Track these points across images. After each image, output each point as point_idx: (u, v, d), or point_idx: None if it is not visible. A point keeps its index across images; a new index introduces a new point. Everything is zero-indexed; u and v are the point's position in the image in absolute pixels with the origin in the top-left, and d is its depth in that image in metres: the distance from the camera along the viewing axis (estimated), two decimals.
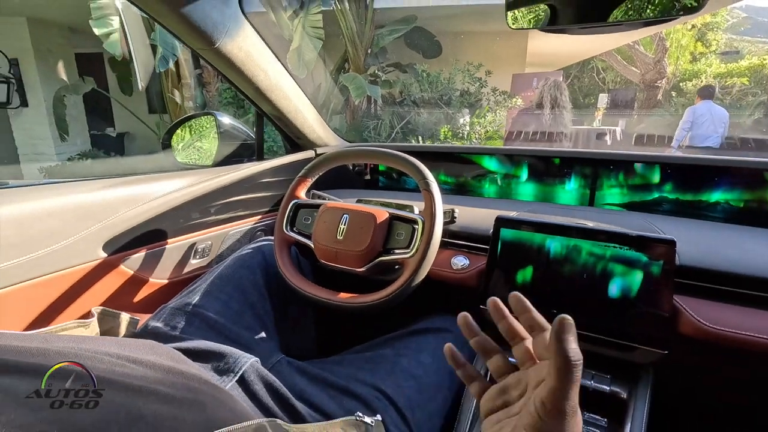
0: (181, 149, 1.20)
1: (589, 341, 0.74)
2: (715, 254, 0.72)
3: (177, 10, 0.69)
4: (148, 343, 0.56)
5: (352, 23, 4.83)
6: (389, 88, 5.29)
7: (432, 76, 5.11)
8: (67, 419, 0.34)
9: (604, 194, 1.04)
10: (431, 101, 5.10)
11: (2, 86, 5.68)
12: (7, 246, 0.67)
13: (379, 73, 5.05)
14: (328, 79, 5.02)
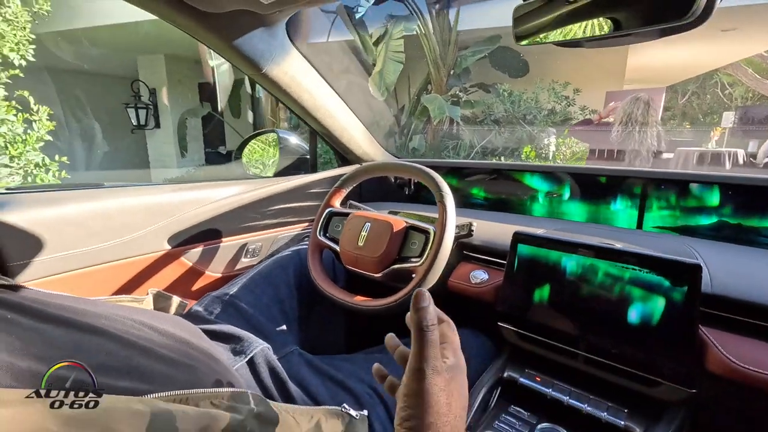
0: (248, 161, 1.37)
1: (608, 370, 0.69)
2: (756, 285, 0.63)
3: (229, 43, 0.82)
4: (174, 318, 0.67)
5: (436, 46, 4.95)
6: (470, 108, 5.28)
7: (514, 95, 4.98)
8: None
9: (653, 216, 0.95)
10: (513, 121, 4.97)
11: (142, 111, 6.81)
12: (94, 233, 0.84)
13: (459, 94, 5.08)
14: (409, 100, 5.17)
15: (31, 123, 3.16)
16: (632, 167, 0.95)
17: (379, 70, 4.40)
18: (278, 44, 0.89)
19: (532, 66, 5.67)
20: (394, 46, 4.49)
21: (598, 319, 0.69)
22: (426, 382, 0.38)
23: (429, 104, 4.63)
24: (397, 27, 4.56)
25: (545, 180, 1.12)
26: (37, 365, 0.38)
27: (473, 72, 5.52)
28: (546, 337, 0.76)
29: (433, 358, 0.39)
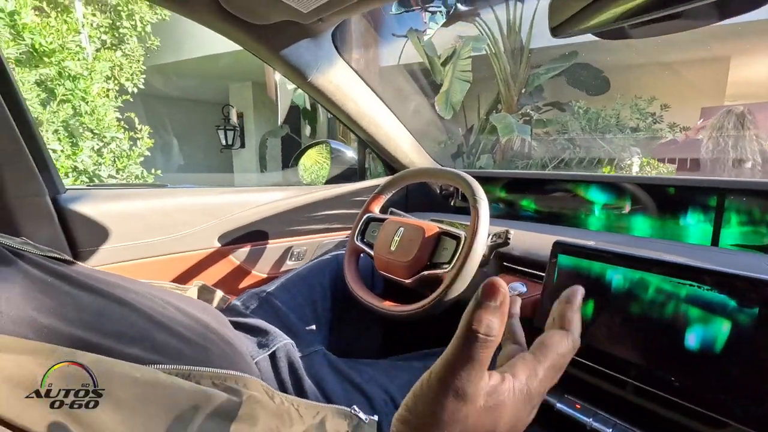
0: (303, 170, 1.43)
1: (661, 403, 0.60)
2: None
3: (277, 53, 0.87)
4: (202, 305, 0.70)
5: (506, 65, 4.86)
6: (543, 127, 5.07)
7: (591, 113, 4.69)
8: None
9: (732, 232, 0.82)
10: (589, 139, 4.66)
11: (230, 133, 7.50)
12: (153, 228, 0.93)
13: (530, 112, 4.90)
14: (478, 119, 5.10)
15: (136, 141, 3.63)
16: (708, 177, 0.82)
17: (445, 90, 4.42)
18: (324, 54, 0.93)
19: (614, 82, 5.32)
20: (462, 66, 4.49)
21: (650, 342, 0.60)
22: (438, 405, 0.27)
23: (497, 123, 4.53)
24: (466, 47, 4.56)
25: (605, 191, 1.02)
26: (58, 323, 0.42)
27: (547, 90, 5.31)
28: (590, 360, 0.68)
29: (466, 380, 0.26)
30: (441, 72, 4.71)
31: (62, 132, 3.02)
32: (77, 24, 3.42)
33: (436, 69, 4.79)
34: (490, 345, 0.26)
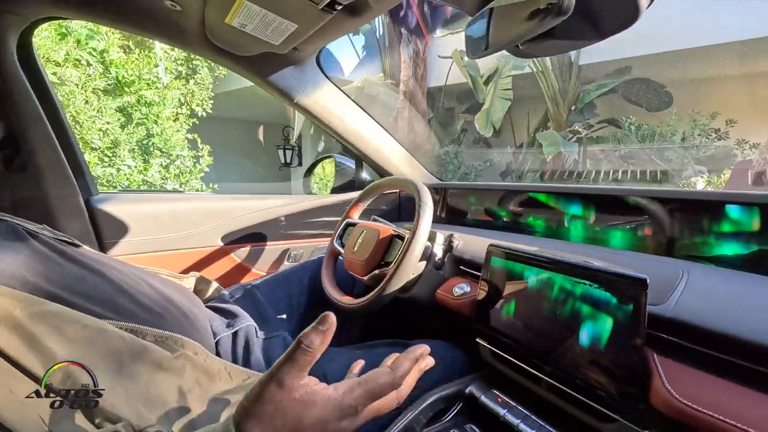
0: (311, 182, 1.57)
1: (566, 399, 0.63)
2: (726, 313, 0.51)
3: (265, 79, 1.02)
4: (180, 287, 0.84)
5: (554, 82, 4.77)
6: (594, 144, 4.86)
7: (644, 129, 4.42)
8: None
9: (686, 244, 0.81)
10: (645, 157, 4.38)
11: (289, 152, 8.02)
12: (164, 226, 1.10)
13: (579, 130, 4.73)
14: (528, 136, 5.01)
15: (198, 158, 4.06)
16: (653, 188, 0.80)
17: (486, 108, 4.43)
18: (308, 78, 1.07)
19: (677, 98, 4.99)
20: (503, 84, 4.48)
21: (555, 340, 0.64)
22: (269, 385, 0.39)
23: (543, 140, 4.44)
24: (507, 65, 4.56)
25: (575, 202, 1.03)
26: (41, 282, 0.57)
27: (601, 106, 5.11)
28: (515, 357, 0.72)
29: (286, 373, 0.39)
30: (483, 91, 4.74)
31: (136, 150, 3.49)
32: (156, 58, 3.95)
33: (479, 88, 4.83)
34: (308, 354, 0.39)
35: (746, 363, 0.47)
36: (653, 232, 0.86)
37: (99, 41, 3.19)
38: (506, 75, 4.52)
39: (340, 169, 1.50)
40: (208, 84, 5.12)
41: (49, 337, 0.50)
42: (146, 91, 3.52)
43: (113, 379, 0.53)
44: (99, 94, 3.24)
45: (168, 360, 0.59)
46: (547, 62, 4.71)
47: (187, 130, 4.20)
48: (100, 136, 3.13)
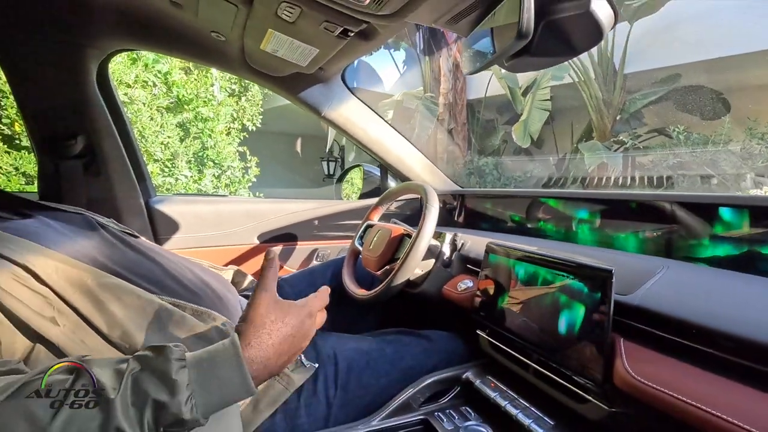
0: (342, 189, 1.70)
1: (548, 382, 0.68)
2: (689, 302, 0.55)
3: (295, 95, 1.16)
4: (218, 276, 0.97)
5: (598, 91, 4.66)
6: (642, 154, 4.67)
7: (693, 138, 4.19)
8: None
9: (681, 246, 0.83)
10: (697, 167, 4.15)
11: (332, 164, 8.33)
12: (208, 225, 1.26)
13: (624, 140, 4.57)
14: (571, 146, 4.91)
15: (247, 169, 4.35)
16: (663, 192, 0.80)
17: (524, 119, 4.40)
18: (333, 93, 1.19)
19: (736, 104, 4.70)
20: (541, 95, 4.44)
21: (540, 328, 0.69)
22: (257, 297, 0.56)
23: (585, 151, 4.34)
24: (545, 76, 4.52)
25: (584, 207, 1.07)
26: (106, 261, 0.71)
27: (649, 116, 4.92)
28: (508, 346, 0.78)
29: (266, 283, 0.57)
30: (521, 102, 4.72)
31: (192, 162, 3.81)
32: (212, 78, 4.31)
33: (517, 99, 4.81)
34: (273, 263, 0.58)
35: (702, 346, 0.51)
36: (654, 235, 0.89)
37: (163, 64, 3.56)
38: (544, 86, 4.49)
39: (368, 177, 1.61)
40: (258, 100, 5.47)
41: (112, 303, 0.63)
42: (203, 107, 3.86)
43: (158, 340, 0.66)
44: (162, 111, 3.60)
45: (201, 329, 0.71)
46: (590, 72, 4.62)
47: (238, 143, 4.52)
48: (161, 148, 3.47)
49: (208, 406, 0.46)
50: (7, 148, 2.67)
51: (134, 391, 0.42)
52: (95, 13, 0.94)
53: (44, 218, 0.73)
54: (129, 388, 0.42)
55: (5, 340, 0.54)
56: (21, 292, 0.56)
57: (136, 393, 0.42)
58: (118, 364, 0.45)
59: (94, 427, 0.39)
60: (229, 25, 0.87)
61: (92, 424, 0.39)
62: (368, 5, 0.65)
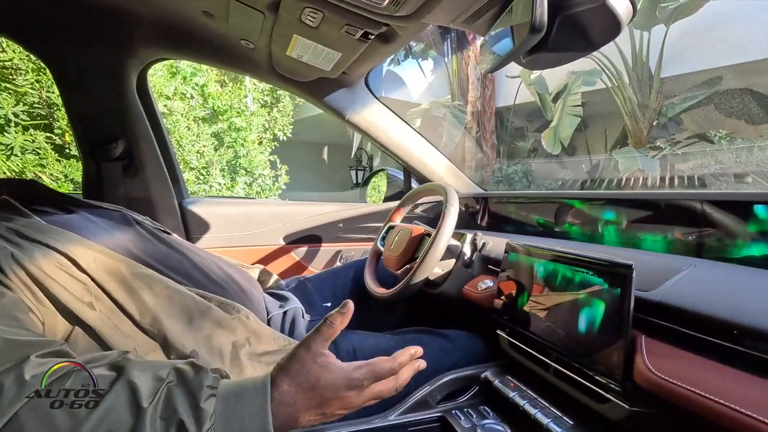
0: (366, 193, 1.72)
1: (568, 382, 0.67)
2: (715, 299, 0.53)
3: (320, 100, 1.20)
4: (243, 272, 1.01)
5: (632, 96, 4.51)
6: (681, 161, 4.47)
7: (737, 143, 3.96)
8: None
9: (713, 247, 0.79)
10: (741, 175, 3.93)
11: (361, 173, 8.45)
12: (237, 225, 1.31)
13: (661, 146, 4.39)
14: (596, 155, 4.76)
15: (277, 177, 4.47)
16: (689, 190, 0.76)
17: (554, 126, 4.31)
18: (357, 98, 1.22)
19: None
20: (572, 101, 4.35)
21: (560, 326, 0.68)
22: (300, 348, 0.52)
23: (619, 158, 4.20)
24: (576, 82, 4.43)
25: (606, 208, 1.05)
26: (139, 253, 0.75)
27: (688, 121, 4.71)
28: (527, 345, 0.77)
29: (313, 340, 0.52)
30: (551, 108, 4.63)
31: (225, 170, 3.96)
32: (245, 90, 4.48)
33: (547, 106, 4.72)
34: (331, 328, 0.53)
35: (724, 342, 0.49)
36: (685, 235, 0.86)
37: (200, 77, 3.73)
38: (575, 91, 4.39)
39: (392, 181, 1.63)
40: (289, 111, 5.62)
41: (143, 291, 0.67)
42: (236, 118, 4.01)
43: (184, 327, 0.70)
44: (198, 121, 3.77)
45: (226, 320, 0.75)
46: (623, 77, 4.49)
47: (269, 152, 4.66)
48: (197, 157, 3.63)
49: None
50: (58, 156, 2.86)
51: (165, 406, 0.43)
52: (137, 26, 1.02)
53: (86, 214, 0.78)
54: (162, 401, 0.43)
55: (48, 322, 0.58)
56: (63, 278, 0.60)
57: (167, 407, 0.43)
58: (158, 371, 0.47)
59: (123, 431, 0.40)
60: (257, 32, 0.92)
61: (122, 428, 0.40)
62: (386, 7, 0.68)
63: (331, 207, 1.43)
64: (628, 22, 0.58)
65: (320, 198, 9.10)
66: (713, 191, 0.85)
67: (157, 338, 0.66)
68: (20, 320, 0.52)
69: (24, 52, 2.69)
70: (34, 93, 2.80)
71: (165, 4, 0.93)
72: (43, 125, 2.86)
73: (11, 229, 0.61)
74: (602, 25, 0.60)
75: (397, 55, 6.51)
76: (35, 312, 0.56)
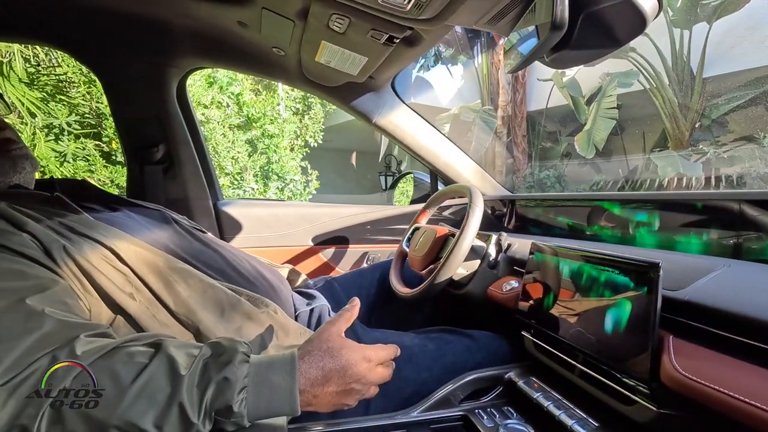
0: (394, 194, 1.74)
1: (593, 383, 0.66)
2: (745, 298, 0.51)
3: (348, 104, 1.23)
4: (273, 270, 1.05)
5: (672, 97, 4.32)
6: (728, 165, 4.23)
7: None
8: None
9: (752, 248, 0.76)
10: None
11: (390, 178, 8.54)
12: (267, 226, 1.36)
13: (704, 149, 4.17)
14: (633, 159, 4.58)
15: (308, 182, 4.57)
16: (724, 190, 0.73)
17: (588, 129, 4.19)
18: (383, 101, 1.25)
19: None
20: (606, 103, 4.21)
21: (586, 326, 0.67)
22: (323, 327, 0.63)
23: (658, 162, 4.03)
24: (611, 84, 4.29)
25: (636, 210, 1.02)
26: (175, 248, 0.80)
27: (734, 122, 4.47)
28: (552, 346, 0.76)
29: (336, 319, 0.64)
30: (585, 111, 4.50)
31: (258, 175, 4.09)
32: (278, 98, 4.62)
33: (581, 109, 4.60)
34: (349, 314, 0.65)
35: (756, 342, 0.47)
36: (721, 236, 0.83)
37: (236, 86, 3.89)
38: (610, 94, 4.26)
39: (419, 184, 1.64)
40: (320, 118, 5.75)
41: (179, 284, 0.72)
42: (269, 125, 4.14)
43: (216, 319, 0.73)
44: (233, 129, 3.92)
45: (255, 314, 0.78)
46: (663, 77, 4.31)
47: (301, 158, 4.78)
48: (232, 163, 3.77)
49: (255, 406, 0.49)
50: (105, 163, 3.05)
51: (201, 374, 0.47)
52: (177, 38, 1.09)
53: (129, 212, 0.84)
54: (198, 371, 0.47)
55: (94, 310, 0.63)
56: (108, 270, 0.65)
57: (202, 376, 0.47)
58: (193, 349, 0.52)
59: (162, 398, 0.45)
60: (288, 39, 0.96)
61: (160, 395, 0.45)
62: (409, 10, 0.70)
63: (358, 209, 1.46)
64: (653, 17, 0.57)
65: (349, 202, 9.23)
66: (753, 190, 0.81)
67: (191, 328, 0.70)
68: (70, 306, 0.56)
69: (77, 66, 2.90)
70: (85, 104, 3.01)
71: (203, 15, 0.99)
72: (93, 134, 3.07)
73: (63, 224, 0.66)
74: (627, 21, 0.59)
75: (427, 61, 6.53)
76: (83, 300, 0.61)
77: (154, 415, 0.43)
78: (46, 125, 2.81)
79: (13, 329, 0.45)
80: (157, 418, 0.43)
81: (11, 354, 0.42)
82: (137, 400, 0.43)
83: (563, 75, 4.76)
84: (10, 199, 0.66)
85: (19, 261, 0.57)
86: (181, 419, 0.44)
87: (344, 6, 0.75)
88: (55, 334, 0.46)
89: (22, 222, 0.61)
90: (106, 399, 0.42)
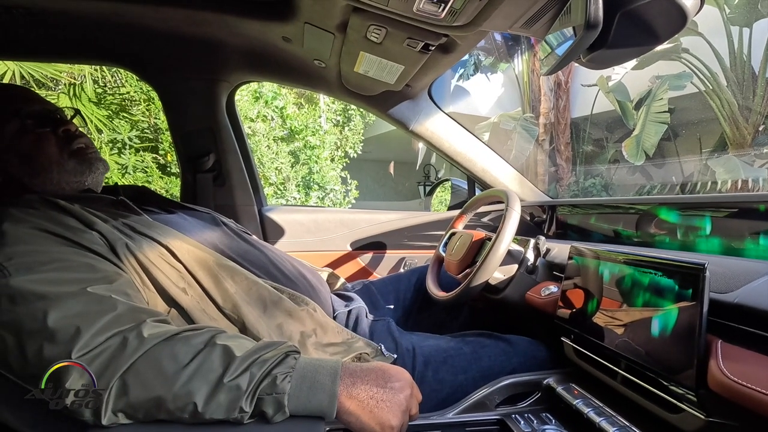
0: (432, 201, 1.75)
1: (637, 390, 0.63)
2: None
3: (386, 112, 1.26)
4: (314, 271, 1.09)
5: (732, 99, 4.04)
6: None
7: None
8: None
9: None
10: None
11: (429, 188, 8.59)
12: (308, 231, 1.41)
13: None
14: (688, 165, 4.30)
15: (347, 192, 4.66)
16: None
17: (637, 134, 3.99)
18: (420, 109, 1.27)
19: None
20: (657, 107, 4.00)
21: (627, 332, 0.65)
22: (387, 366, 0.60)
23: (717, 167, 3.78)
24: (662, 86, 4.07)
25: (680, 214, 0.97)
26: (224, 248, 0.85)
27: None
28: (593, 352, 0.74)
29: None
30: (633, 117, 4.30)
31: (300, 185, 4.22)
32: (320, 111, 4.78)
33: (629, 114, 4.39)
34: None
35: None
36: None
37: (280, 101, 4.06)
38: (661, 97, 4.05)
39: (456, 190, 1.64)
40: (359, 130, 5.87)
41: (226, 280, 0.76)
42: (311, 137, 4.29)
43: (260, 315, 0.77)
44: (277, 141, 4.09)
45: (296, 311, 0.81)
46: (720, 78, 4.05)
47: (341, 169, 4.89)
48: (275, 173, 3.93)
49: (296, 399, 0.50)
50: (161, 174, 3.28)
51: (252, 359, 0.50)
52: (228, 54, 1.17)
53: (183, 214, 0.91)
54: (250, 356, 0.51)
55: (150, 303, 0.69)
56: (163, 266, 0.71)
57: (253, 361, 0.50)
58: (245, 340, 0.56)
59: (214, 377, 0.48)
60: (328, 51, 1.01)
61: (212, 374, 0.48)
62: (444, 18, 0.72)
63: (396, 215, 1.48)
64: (695, 13, 0.56)
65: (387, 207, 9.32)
66: None
67: (237, 323, 0.75)
68: (131, 297, 0.62)
69: (138, 85, 3.15)
70: (145, 120, 3.26)
71: (251, 33, 1.06)
72: (150, 147, 3.31)
73: (126, 223, 0.73)
74: (666, 18, 0.58)
75: (466, 70, 6.51)
76: (142, 293, 0.67)
77: (206, 392, 0.47)
78: (111, 140, 3.08)
79: (90, 310, 0.51)
80: (208, 395, 0.47)
81: (88, 331, 0.48)
82: (192, 378, 0.47)
83: (609, 79, 4.59)
84: (82, 202, 0.73)
85: (90, 256, 0.63)
86: (228, 397, 0.47)
87: (381, 17, 0.78)
88: (125, 316, 0.52)
89: (91, 222, 0.68)
90: (165, 376, 0.47)
